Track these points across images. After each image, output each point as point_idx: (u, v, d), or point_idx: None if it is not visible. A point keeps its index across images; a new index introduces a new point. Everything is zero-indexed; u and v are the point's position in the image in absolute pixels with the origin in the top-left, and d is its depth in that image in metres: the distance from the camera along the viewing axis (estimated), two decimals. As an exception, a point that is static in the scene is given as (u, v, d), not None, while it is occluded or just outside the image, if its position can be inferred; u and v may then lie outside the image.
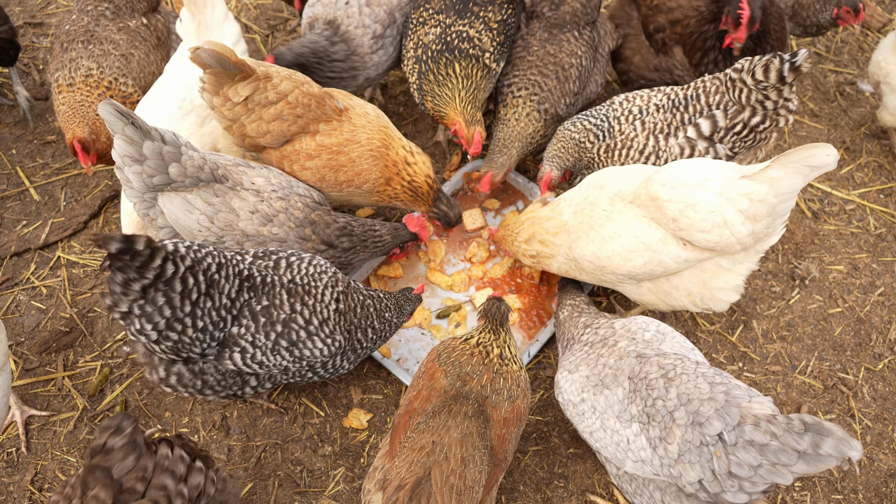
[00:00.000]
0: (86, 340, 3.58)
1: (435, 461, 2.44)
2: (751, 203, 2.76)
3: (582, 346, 2.92)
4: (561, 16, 3.82)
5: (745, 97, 3.21)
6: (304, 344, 2.82)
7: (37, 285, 3.74)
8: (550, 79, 3.73)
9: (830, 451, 2.15)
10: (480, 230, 3.89)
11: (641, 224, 2.98)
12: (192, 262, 2.55)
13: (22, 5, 4.88)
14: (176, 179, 2.88)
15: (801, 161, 2.68)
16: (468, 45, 3.67)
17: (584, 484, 3.21)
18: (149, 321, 2.52)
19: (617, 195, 3.06)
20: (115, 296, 2.46)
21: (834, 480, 3.22)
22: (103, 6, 3.85)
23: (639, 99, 3.46)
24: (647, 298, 3.21)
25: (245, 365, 2.78)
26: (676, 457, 2.42)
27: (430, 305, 3.67)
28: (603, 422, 2.67)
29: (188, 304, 2.56)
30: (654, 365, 2.60)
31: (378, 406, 3.41)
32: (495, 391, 2.70)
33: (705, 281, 3.04)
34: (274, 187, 3.12)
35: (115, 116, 2.71)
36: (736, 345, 3.59)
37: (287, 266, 2.86)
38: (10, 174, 4.14)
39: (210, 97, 3.15)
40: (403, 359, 3.50)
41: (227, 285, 2.66)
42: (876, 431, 3.35)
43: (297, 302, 2.80)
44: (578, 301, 3.21)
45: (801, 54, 3.00)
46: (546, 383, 3.47)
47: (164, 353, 2.68)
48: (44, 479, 3.20)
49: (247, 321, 2.72)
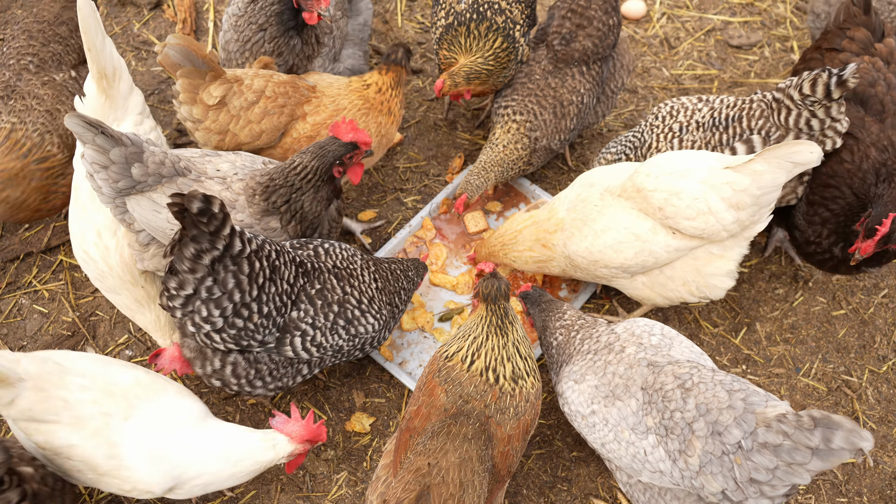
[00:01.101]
0: (88, 344, 3.57)
1: (432, 483, 2.39)
2: (734, 192, 2.79)
3: (584, 355, 2.82)
4: (570, 52, 3.65)
5: (791, 120, 3.11)
6: (359, 321, 2.96)
7: (39, 289, 3.74)
8: (548, 111, 3.65)
9: (842, 443, 2.13)
10: (482, 232, 3.89)
11: (630, 215, 3.01)
12: (257, 246, 2.61)
13: (25, 10, 4.87)
14: (140, 180, 2.81)
15: (785, 157, 2.72)
16: (500, 18, 3.63)
17: (588, 488, 3.20)
18: (217, 306, 2.56)
19: (607, 190, 3.10)
20: (182, 275, 2.47)
21: (838, 483, 3.21)
22: (26, 59, 3.55)
23: (682, 114, 3.41)
24: (644, 293, 3.21)
25: (304, 350, 2.85)
26: (698, 469, 2.38)
27: (433, 308, 3.66)
28: (617, 434, 2.60)
29: (255, 288, 2.61)
30: (670, 375, 2.54)
31: (380, 410, 3.40)
32: (500, 410, 2.55)
33: (698, 268, 3.06)
34: (237, 170, 2.99)
35: (84, 128, 2.67)
36: (739, 347, 3.58)
37: (325, 253, 2.97)
38: (12, 178, 4.14)
39: (189, 108, 3.11)
40: (406, 362, 3.49)
41: (287, 271, 2.74)
42: (880, 434, 3.34)
43: (346, 284, 2.95)
44: (568, 319, 3.01)
45: (850, 68, 2.91)
46: (547, 386, 3.46)
47: (223, 342, 2.70)
48: (46, 483, 3.19)
49: (305, 305, 2.81)
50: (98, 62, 2.94)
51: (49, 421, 2.54)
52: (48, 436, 2.55)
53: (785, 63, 4.67)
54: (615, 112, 4.45)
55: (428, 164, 4.22)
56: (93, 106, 3.09)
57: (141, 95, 3.22)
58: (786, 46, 4.77)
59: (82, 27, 2.86)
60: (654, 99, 4.50)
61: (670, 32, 4.79)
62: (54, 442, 2.56)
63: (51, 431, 2.55)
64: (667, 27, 4.81)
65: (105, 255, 3.07)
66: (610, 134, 4.37)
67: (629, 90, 4.53)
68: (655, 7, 4.89)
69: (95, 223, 3.07)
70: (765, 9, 4.93)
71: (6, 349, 2.41)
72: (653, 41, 4.74)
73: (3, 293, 3.72)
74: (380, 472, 2.65)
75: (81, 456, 2.57)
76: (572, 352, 2.91)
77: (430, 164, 4.23)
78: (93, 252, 3.08)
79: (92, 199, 3.08)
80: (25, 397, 2.51)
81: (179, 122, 4.34)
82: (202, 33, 4.74)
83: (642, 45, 4.72)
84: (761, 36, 4.79)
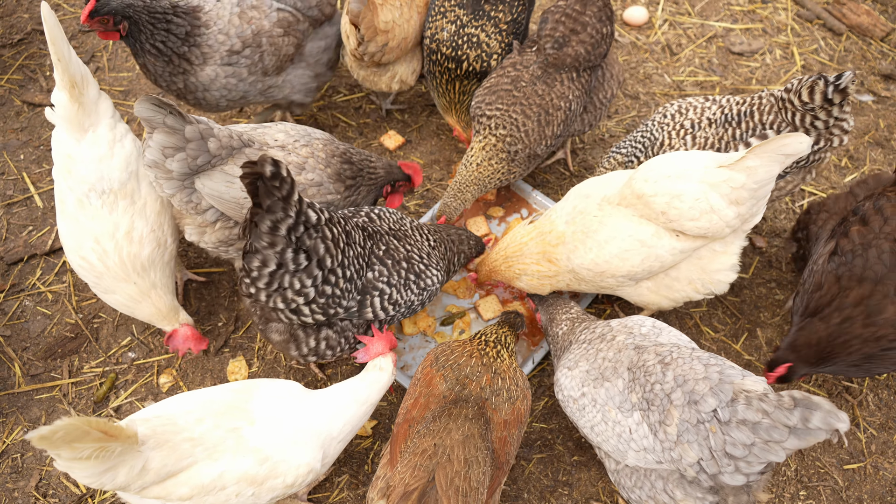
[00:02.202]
0: (91, 346, 3.59)
1: (438, 463, 2.44)
2: (732, 189, 2.82)
3: (580, 344, 2.95)
4: (561, 57, 3.58)
5: (798, 120, 3.18)
6: (426, 273, 3.11)
7: (42, 291, 3.75)
8: (532, 120, 3.55)
9: (819, 424, 2.20)
10: (484, 237, 3.90)
11: (633, 223, 3.01)
12: (329, 214, 2.70)
13: (30, 13, 4.91)
14: (216, 154, 2.92)
15: (776, 150, 2.76)
16: (475, 53, 3.75)
17: (589, 492, 3.21)
18: (309, 275, 2.62)
19: (605, 200, 3.10)
20: (263, 252, 2.49)
21: (839, 489, 3.21)
22: None
23: (692, 112, 3.42)
24: (649, 298, 3.22)
25: (382, 309, 2.97)
26: (676, 438, 2.46)
27: (434, 312, 3.67)
28: (604, 414, 2.69)
29: (339, 252, 2.69)
30: (652, 353, 2.65)
31: (382, 413, 3.41)
32: (494, 392, 2.71)
33: (703, 266, 3.09)
34: (295, 137, 3.22)
35: (154, 110, 2.72)
36: (740, 353, 3.59)
37: (378, 217, 3.11)
38: (17, 180, 4.16)
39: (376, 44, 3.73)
40: (408, 366, 3.50)
41: (356, 235, 2.86)
42: (881, 440, 3.35)
43: (405, 243, 3.10)
44: (574, 313, 3.20)
45: (846, 76, 2.97)
46: (550, 391, 3.47)
47: (311, 314, 2.76)
48: (48, 484, 3.20)
49: (378, 266, 2.94)
50: (68, 71, 2.94)
51: (187, 466, 2.51)
52: (193, 480, 2.52)
53: (786, 70, 4.69)
54: (617, 118, 4.47)
55: (430, 168, 4.24)
56: (66, 115, 3.04)
57: (109, 100, 3.21)
58: (787, 53, 4.79)
59: (50, 38, 2.86)
60: (655, 105, 4.52)
61: (672, 39, 4.81)
62: (203, 481, 2.52)
63: (194, 475, 2.52)
64: (669, 34, 4.84)
65: (103, 257, 3.08)
66: (612, 139, 4.38)
67: (631, 96, 4.55)
68: (657, 14, 4.92)
69: (92, 231, 3.08)
70: (766, 16, 4.96)
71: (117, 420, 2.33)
72: (655, 47, 4.76)
73: (7, 295, 3.73)
74: (379, 472, 2.67)
75: (234, 477, 2.55)
76: (572, 340, 3.04)
77: (433, 169, 4.25)
78: (91, 257, 3.09)
79: (81, 208, 3.08)
80: (155, 457, 2.46)
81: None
82: None
83: (644, 51, 4.75)
84: (763, 43, 4.82)
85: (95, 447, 2.24)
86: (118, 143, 3.14)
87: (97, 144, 3.10)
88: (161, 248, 3.18)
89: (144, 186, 3.18)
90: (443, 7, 3.85)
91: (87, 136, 3.09)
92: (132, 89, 4.56)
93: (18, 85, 4.56)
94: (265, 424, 2.63)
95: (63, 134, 3.11)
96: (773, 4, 4.93)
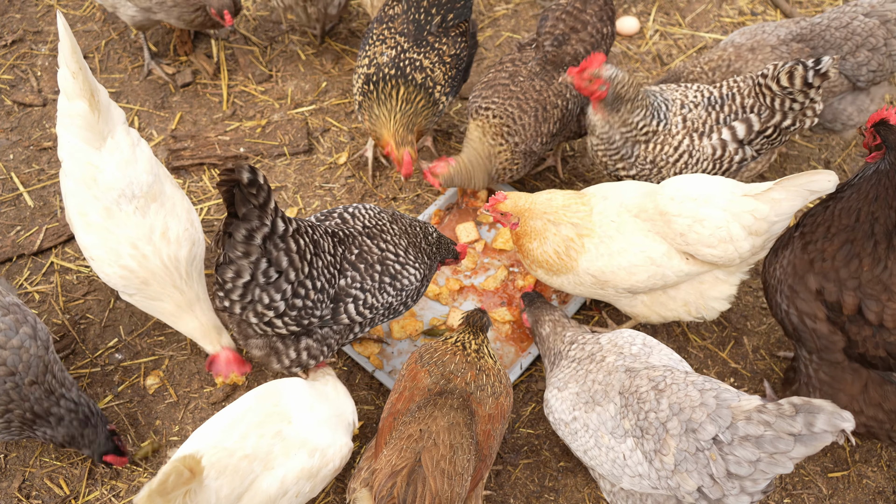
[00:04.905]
0: (77, 347, 3.57)
1: (424, 447, 2.46)
2: (755, 220, 2.83)
3: (569, 362, 2.90)
4: (560, 55, 3.57)
5: (776, 103, 3.24)
6: (402, 274, 3.01)
7: (30, 291, 3.73)
8: (528, 115, 3.54)
9: (825, 426, 2.13)
10: (474, 243, 3.91)
11: (647, 238, 2.99)
12: (296, 224, 2.63)
13: (21, 13, 4.90)
14: None
15: (804, 185, 2.80)
16: (420, 75, 3.64)
17: (575, 498, 3.21)
18: (277, 290, 2.58)
19: (623, 206, 3.05)
20: (238, 262, 2.47)
21: (823, 497, 3.23)
22: None
23: (678, 94, 3.37)
24: (641, 311, 3.23)
25: (358, 314, 2.92)
26: (673, 467, 2.41)
27: (423, 317, 3.68)
28: (597, 439, 2.65)
29: (306, 264, 2.64)
30: (644, 378, 2.60)
31: (370, 416, 3.40)
32: (479, 387, 2.73)
33: (702, 292, 3.09)
34: None
35: None
36: (727, 361, 3.61)
37: (352, 217, 3.02)
38: (6, 179, 4.15)
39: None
40: (395, 371, 3.50)
41: (325, 243, 2.80)
42: (865, 449, 3.37)
43: (380, 241, 2.99)
44: (557, 316, 3.18)
45: (826, 61, 3.06)
46: (537, 396, 3.47)
47: (285, 326, 2.74)
48: (31, 486, 3.17)
49: (350, 272, 2.87)
50: (87, 80, 2.91)
51: (250, 484, 2.60)
52: (259, 496, 2.61)
53: (775, 81, 4.74)
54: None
55: (421, 174, 4.25)
56: (85, 124, 2.99)
57: (116, 104, 3.18)
58: (776, 65, 4.83)
59: (68, 50, 2.83)
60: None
61: (663, 49, 4.85)
62: (270, 492, 2.63)
63: (256, 489, 2.62)
64: (659, 44, 4.88)
65: (144, 262, 3.04)
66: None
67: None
68: (649, 24, 4.96)
69: (128, 237, 3.03)
70: (756, 28, 5.00)
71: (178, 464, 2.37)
72: (646, 57, 4.80)
73: (-7, 295, 3.71)
74: (362, 464, 2.71)
75: (293, 477, 2.67)
76: (561, 349, 3.00)
77: (424, 174, 4.26)
78: (131, 264, 3.03)
79: (110, 217, 3.03)
80: (223, 486, 2.53)
81: (174, 129, 4.37)
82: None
83: (635, 60, 4.79)
84: (752, 54, 4.86)
85: (182, 492, 2.31)
86: (137, 147, 3.13)
87: (119, 150, 3.07)
88: (196, 247, 3.18)
89: (168, 186, 3.19)
90: (381, 35, 3.73)
91: (107, 143, 3.05)
92: (124, 90, 4.56)
93: (9, 85, 4.55)
94: (301, 420, 2.78)
95: (78, 143, 3.04)
96: (763, 17, 4.99)
